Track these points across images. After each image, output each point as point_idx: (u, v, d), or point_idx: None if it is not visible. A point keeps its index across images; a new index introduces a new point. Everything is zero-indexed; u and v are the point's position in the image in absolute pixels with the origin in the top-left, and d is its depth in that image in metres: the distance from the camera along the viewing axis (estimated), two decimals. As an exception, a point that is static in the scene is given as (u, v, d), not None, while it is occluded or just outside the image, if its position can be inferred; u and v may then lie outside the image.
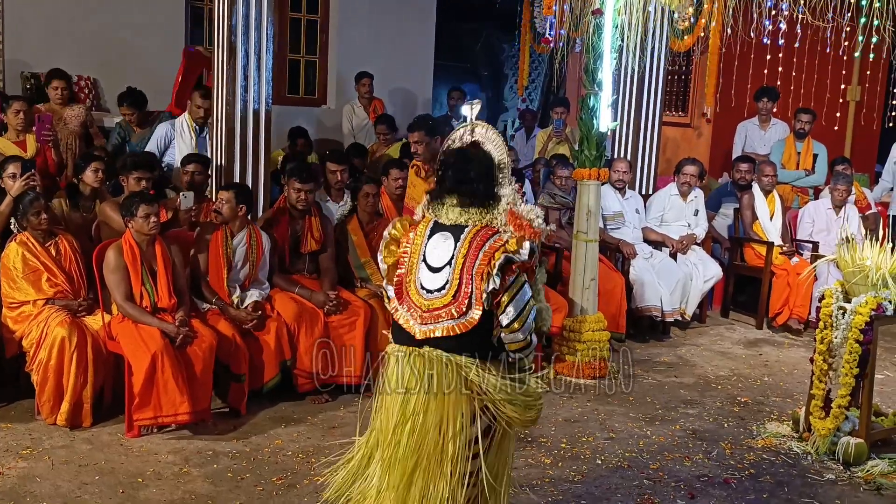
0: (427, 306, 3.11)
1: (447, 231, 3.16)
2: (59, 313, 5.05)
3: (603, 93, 6.27)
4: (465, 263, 3.06)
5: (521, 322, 3.03)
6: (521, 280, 3.05)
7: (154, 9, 9.04)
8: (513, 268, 3.02)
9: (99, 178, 5.78)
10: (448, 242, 3.13)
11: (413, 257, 3.19)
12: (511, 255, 3.02)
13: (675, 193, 7.87)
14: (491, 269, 3.01)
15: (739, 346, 7.33)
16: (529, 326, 3.06)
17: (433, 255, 3.14)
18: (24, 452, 4.60)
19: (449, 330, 3.08)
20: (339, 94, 10.11)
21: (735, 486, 4.61)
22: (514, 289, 3.03)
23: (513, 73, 14.74)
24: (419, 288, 3.15)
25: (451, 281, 3.08)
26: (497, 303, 3.04)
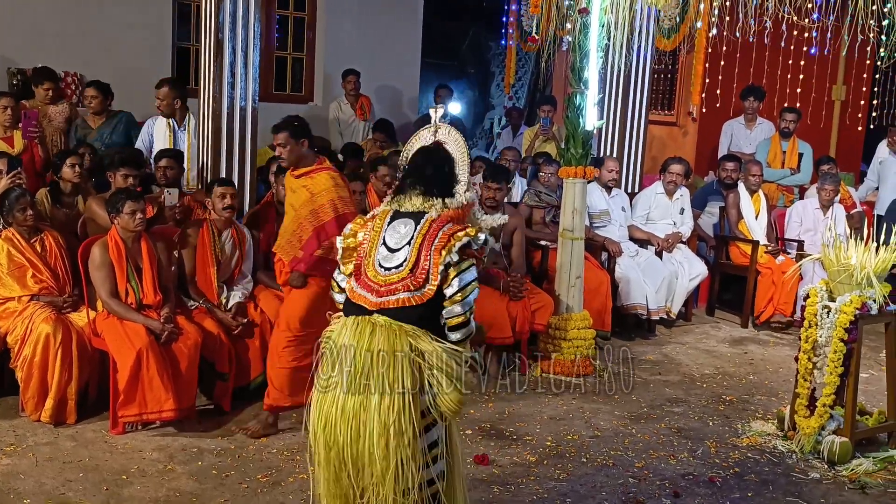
0: (383, 281, 3.27)
1: (408, 217, 3.35)
2: (44, 310, 5.04)
3: (589, 91, 6.28)
4: (424, 242, 3.24)
5: (462, 295, 3.18)
6: (470, 261, 3.24)
7: (141, 5, 9.01)
8: (467, 252, 3.23)
9: (77, 174, 5.75)
10: (408, 227, 3.32)
11: (372, 242, 3.36)
12: (466, 240, 3.22)
13: (660, 192, 7.90)
14: (452, 246, 3.20)
15: (725, 345, 7.36)
16: (470, 304, 3.21)
17: (392, 238, 3.32)
18: (8, 449, 4.58)
19: (404, 301, 3.22)
20: (326, 91, 10.10)
21: (720, 484, 4.63)
22: (463, 266, 3.21)
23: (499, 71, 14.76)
24: (377, 266, 3.30)
25: (409, 258, 3.25)
26: (445, 276, 3.20)
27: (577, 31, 6.25)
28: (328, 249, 4.69)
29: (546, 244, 7.00)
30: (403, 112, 10.71)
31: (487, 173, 6.57)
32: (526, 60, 14.01)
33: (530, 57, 13.62)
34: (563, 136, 7.29)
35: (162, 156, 6.06)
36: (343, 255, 3.45)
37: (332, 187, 4.80)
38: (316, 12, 10.16)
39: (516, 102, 13.83)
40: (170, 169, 6.03)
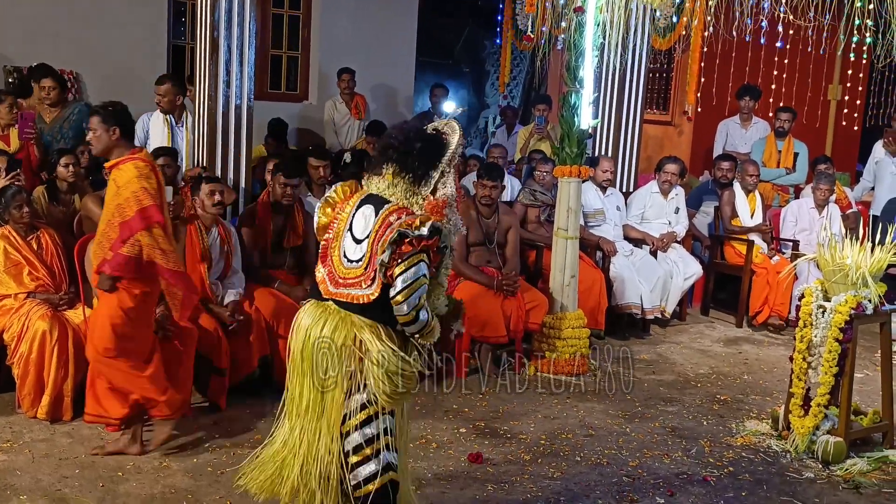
0: (344, 273, 3.28)
1: (372, 204, 3.29)
2: (41, 307, 5.03)
3: (584, 90, 6.29)
4: (376, 239, 3.20)
5: (405, 296, 3.13)
6: (416, 258, 3.14)
7: (137, 3, 9.01)
8: (404, 243, 3.12)
9: (72, 172, 5.76)
10: (370, 216, 3.27)
11: (341, 224, 3.35)
12: (404, 231, 3.12)
13: (655, 191, 7.91)
14: (384, 243, 3.14)
15: (719, 344, 7.38)
16: (415, 303, 3.15)
17: (358, 227, 3.29)
18: (5, 446, 4.58)
19: (353, 297, 3.23)
20: (321, 90, 10.11)
21: (714, 483, 4.65)
22: (407, 265, 3.13)
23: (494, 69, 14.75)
24: (342, 255, 3.31)
25: (366, 254, 3.23)
26: (389, 275, 3.15)
27: (573, 30, 6.26)
28: (135, 248, 4.26)
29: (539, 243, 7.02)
30: (399, 111, 10.71)
31: (482, 171, 6.58)
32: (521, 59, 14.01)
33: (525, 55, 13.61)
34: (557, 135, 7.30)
35: (159, 154, 6.05)
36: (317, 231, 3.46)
37: (135, 178, 4.31)
38: (311, 10, 10.16)
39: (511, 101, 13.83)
40: (167, 167, 6.02)
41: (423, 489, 4.33)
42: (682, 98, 10.83)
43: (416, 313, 3.18)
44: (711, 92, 9.51)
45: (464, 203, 6.63)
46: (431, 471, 4.56)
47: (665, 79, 11.37)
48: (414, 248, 3.13)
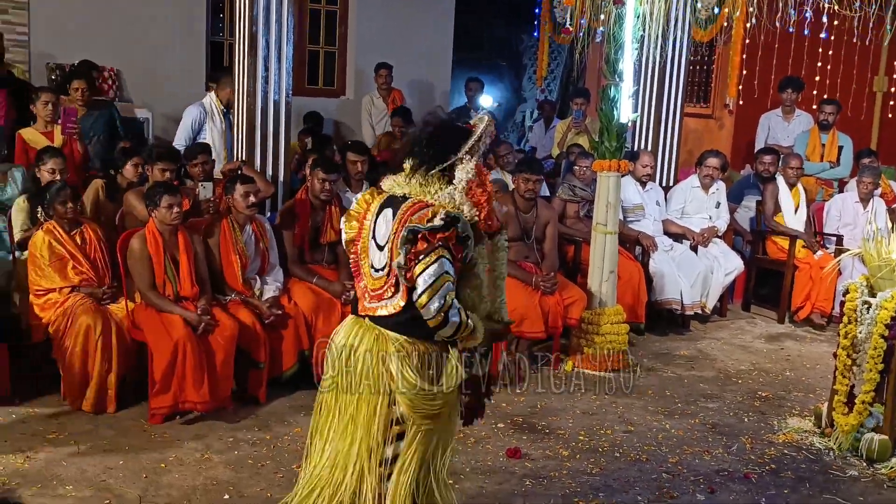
0: (374, 286, 3.12)
1: (391, 206, 3.09)
2: (85, 301, 5.11)
3: (624, 83, 6.24)
4: (394, 241, 3.01)
5: (428, 296, 2.91)
6: (434, 254, 2.91)
7: (176, 1, 9.08)
8: (418, 240, 2.92)
9: (138, 174, 5.88)
10: (390, 219, 3.07)
11: (365, 234, 3.17)
12: (414, 227, 2.92)
13: (696, 185, 7.83)
14: (398, 244, 2.96)
15: (761, 341, 7.29)
16: (440, 303, 2.92)
17: (380, 233, 3.11)
18: (51, 437, 4.65)
19: (384, 309, 3.07)
20: (358, 85, 10.13)
21: (755, 481, 4.60)
22: (426, 263, 2.91)
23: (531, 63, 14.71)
24: (370, 267, 3.15)
25: (388, 260, 3.05)
26: (409, 277, 2.95)
27: (612, 23, 6.20)
28: None
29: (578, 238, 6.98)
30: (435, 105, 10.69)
31: (522, 165, 6.54)
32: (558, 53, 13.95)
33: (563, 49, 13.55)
34: (595, 129, 7.25)
35: (198, 152, 6.10)
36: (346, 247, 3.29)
37: None
38: (348, 6, 10.18)
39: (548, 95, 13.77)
40: (206, 164, 6.08)
41: (460, 483, 4.34)
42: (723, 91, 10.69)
43: (444, 315, 2.94)
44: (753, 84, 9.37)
45: (501, 197, 6.62)
46: (469, 465, 4.56)
47: (706, 71, 11.24)
48: (430, 243, 2.91)
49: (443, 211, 2.93)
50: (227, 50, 9.62)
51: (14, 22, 8.48)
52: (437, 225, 2.90)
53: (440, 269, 2.92)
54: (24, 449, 4.48)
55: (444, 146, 3.05)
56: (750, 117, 9.93)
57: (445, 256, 2.93)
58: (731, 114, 10.66)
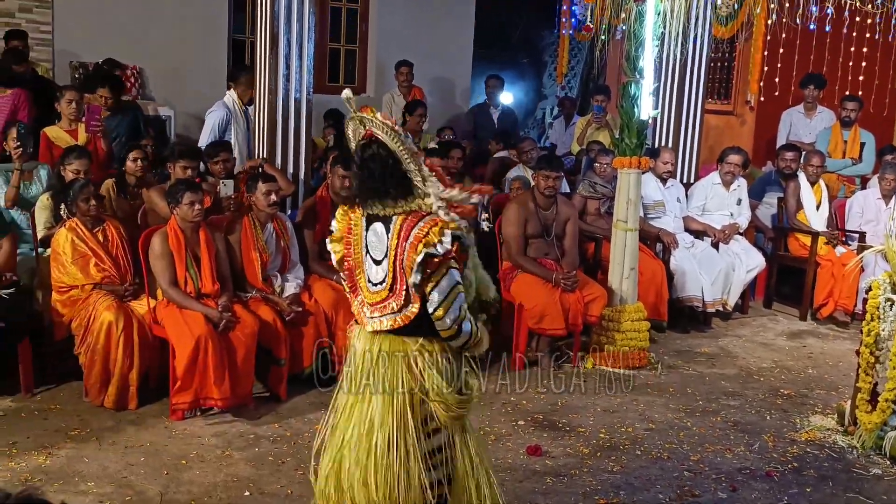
0: (373, 299, 3.13)
1: (380, 221, 3.10)
2: (107, 298, 5.14)
3: (644, 80, 6.21)
4: (396, 257, 3.04)
5: (445, 308, 3.00)
6: (445, 266, 3.00)
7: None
8: (434, 261, 2.97)
9: (138, 167, 5.88)
10: (382, 234, 3.09)
11: (357, 248, 3.17)
12: (431, 251, 2.95)
13: (717, 182, 7.79)
14: (409, 267, 2.98)
15: (783, 338, 7.24)
16: (456, 314, 3.01)
17: (374, 248, 3.12)
18: (73, 433, 4.69)
19: (393, 322, 3.09)
20: (379, 83, 10.15)
21: (778, 479, 4.57)
22: (438, 276, 2.99)
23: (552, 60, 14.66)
24: (367, 281, 3.15)
25: (388, 274, 3.08)
26: (423, 292, 3.02)
27: (632, 20, 6.18)
28: None
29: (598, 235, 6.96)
30: (456, 103, 10.72)
31: (543, 162, 6.53)
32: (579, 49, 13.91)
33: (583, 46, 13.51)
34: (616, 125, 7.23)
35: (220, 150, 6.13)
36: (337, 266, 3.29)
37: None
38: (369, 4, 10.21)
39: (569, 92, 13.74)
40: (227, 161, 6.11)
41: (481, 481, 4.34)
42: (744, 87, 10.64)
43: (458, 326, 3.04)
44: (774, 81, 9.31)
45: (522, 195, 6.62)
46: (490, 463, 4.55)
47: (727, 68, 11.19)
48: (442, 259, 2.98)
49: (448, 233, 2.96)
50: (249, 48, 9.67)
51: (38, 21, 8.57)
52: (447, 247, 2.97)
53: (451, 280, 3.01)
54: (47, 445, 4.52)
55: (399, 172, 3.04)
56: (771, 114, 9.87)
57: (454, 267, 3.03)
58: (752, 110, 10.60)
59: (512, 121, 10.16)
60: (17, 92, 6.75)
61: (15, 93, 6.74)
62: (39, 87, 7.32)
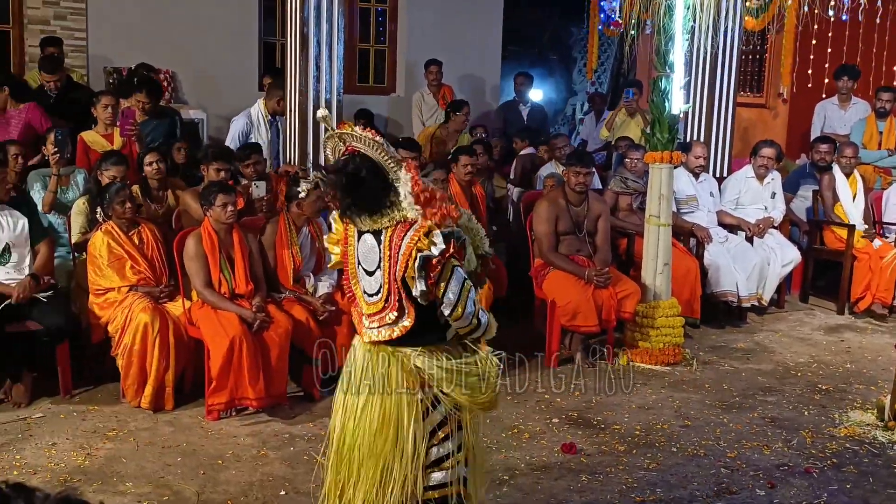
0: (369, 311, 3.10)
1: (370, 233, 3.06)
2: (143, 300, 5.19)
3: (675, 74, 6.17)
4: (389, 268, 2.99)
5: (462, 306, 2.97)
6: (449, 266, 2.95)
7: (228, 2, 9.22)
8: (433, 262, 2.92)
9: (155, 170, 5.91)
10: (374, 246, 3.05)
11: (352, 260, 3.15)
12: (426, 254, 2.91)
13: (751, 176, 7.71)
14: (413, 273, 2.92)
15: (820, 333, 7.15)
16: (472, 309, 3.00)
17: (366, 259, 3.08)
18: (111, 434, 4.75)
19: (390, 333, 3.05)
20: (409, 82, 10.16)
21: (817, 475, 4.51)
22: (445, 278, 2.94)
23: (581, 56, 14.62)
24: (363, 292, 3.12)
25: (382, 285, 3.04)
26: (435, 295, 2.96)
27: (662, 14, 6.14)
28: None
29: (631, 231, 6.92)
30: (485, 101, 10.70)
31: (573, 158, 6.50)
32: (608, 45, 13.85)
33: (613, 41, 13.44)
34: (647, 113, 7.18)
35: (251, 152, 6.18)
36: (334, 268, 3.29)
37: None
38: (397, 4, 10.22)
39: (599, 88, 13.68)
40: (258, 164, 6.16)
41: (515, 479, 4.33)
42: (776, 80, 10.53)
43: (477, 320, 3.04)
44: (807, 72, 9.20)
45: (553, 191, 6.60)
46: (524, 461, 4.55)
47: (759, 60, 11.07)
48: (441, 260, 2.93)
49: (439, 235, 2.91)
50: (280, 50, 9.72)
51: (73, 27, 8.68)
52: (442, 249, 2.91)
53: (459, 278, 2.98)
54: (85, 446, 4.58)
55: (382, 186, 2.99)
56: (804, 106, 9.76)
57: (457, 265, 3.00)
58: (785, 103, 10.48)
59: (541, 117, 10.14)
60: (29, 106, 6.76)
61: (27, 107, 6.75)
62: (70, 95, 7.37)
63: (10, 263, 5.10)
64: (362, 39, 10.28)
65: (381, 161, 2.99)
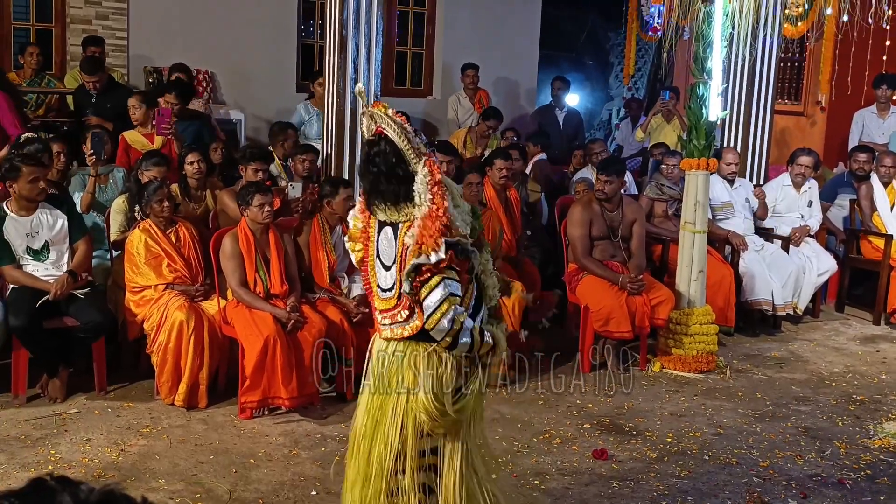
0: (383, 306, 3.09)
1: (389, 226, 3.05)
2: (178, 298, 5.25)
3: (713, 81, 6.14)
4: (401, 263, 2.98)
5: (434, 321, 2.89)
6: (438, 276, 2.89)
7: (267, 4, 9.30)
8: (423, 270, 2.89)
9: (196, 169, 5.97)
10: (392, 239, 3.03)
11: (371, 252, 3.12)
12: (418, 262, 2.88)
13: (787, 184, 7.65)
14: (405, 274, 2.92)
15: (855, 343, 7.07)
16: (447, 327, 2.90)
17: (385, 253, 3.06)
18: (145, 431, 4.80)
19: (402, 331, 3.04)
20: (445, 85, 10.19)
21: (850, 487, 4.46)
22: (430, 286, 2.89)
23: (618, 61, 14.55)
24: (378, 288, 3.11)
25: (396, 282, 3.01)
26: (418, 300, 2.93)
27: (701, 20, 6.11)
28: None
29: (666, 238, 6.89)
30: (521, 104, 10.71)
31: (599, 165, 6.49)
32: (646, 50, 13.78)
33: (650, 47, 13.39)
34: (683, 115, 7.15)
35: (307, 149, 6.28)
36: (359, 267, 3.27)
37: None
38: (435, 7, 10.25)
39: (635, 93, 13.62)
40: (312, 162, 6.25)
41: (546, 484, 4.33)
42: (814, 88, 10.42)
43: (452, 339, 2.93)
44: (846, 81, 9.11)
45: (586, 196, 6.58)
46: (555, 466, 4.54)
47: (797, 68, 10.97)
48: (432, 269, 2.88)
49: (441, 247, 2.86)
50: (318, 52, 9.79)
51: (114, 27, 8.80)
52: (441, 257, 2.86)
53: (445, 291, 2.89)
54: (119, 442, 4.63)
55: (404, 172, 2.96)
56: (843, 114, 9.65)
57: (449, 277, 2.91)
58: (823, 111, 10.37)
59: (577, 123, 10.12)
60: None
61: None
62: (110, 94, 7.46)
63: (48, 260, 5.18)
64: (400, 42, 10.32)
65: (403, 148, 2.95)
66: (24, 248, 5.12)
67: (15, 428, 4.74)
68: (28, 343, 5.00)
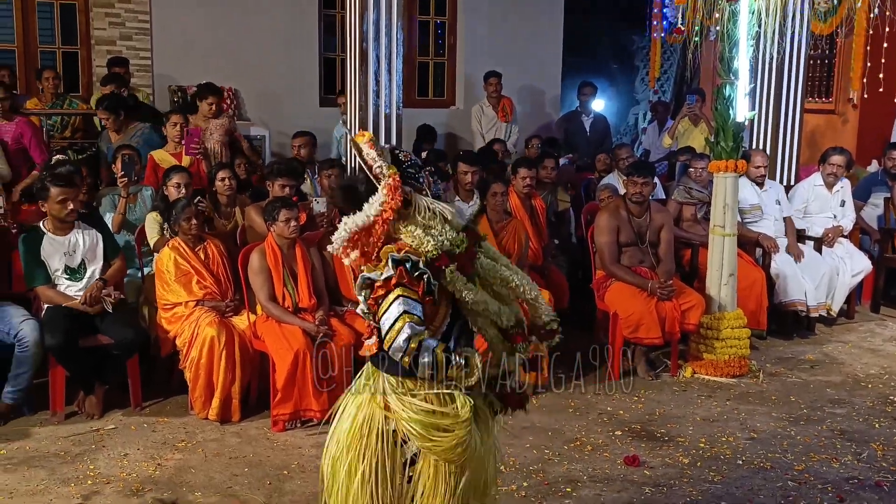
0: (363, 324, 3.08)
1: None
2: (209, 314, 5.30)
3: (740, 81, 6.09)
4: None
5: (389, 341, 2.76)
6: (392, 295, 2.78)
7: (289, 19, 9.38)
8: (376, 286, 2.82)
9: (227, 185, 6.02)
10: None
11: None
12: (367, 276, 2.84)
13: (819, 184, 7.56)
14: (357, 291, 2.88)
15: (891, 343, 6.96)
16: (403, 346, 2.73)
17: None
18: (180, 445, 4.85)
19: (369, 349, 2.96)
20: (468, 95, 10.20)
21: (888, 489, 4.40)
22: (385, 305, 2.79)
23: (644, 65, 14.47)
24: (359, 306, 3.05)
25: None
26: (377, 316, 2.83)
27: (726, 20, 6.06)
28: None
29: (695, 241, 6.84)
30: (546, 111, 10.69)
31: (632, 168, 6.46)
32: (671, 53, 13.70)
33: (675, 49, 13.30)
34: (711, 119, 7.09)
35: (332, 165, 6.33)
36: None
37: None
38: (456, 16, 10.27)
39: (661, 96, 13.54)
40: (336, 176, 6.28)
41: (578, 491, 4.31)
42: (845, 85, 10.31)
43: (410, 359, 2.74)
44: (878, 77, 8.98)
45: (613, 202, 6.55)
46: (587, 473, 4.52)
47: (827, 65, 10.85)
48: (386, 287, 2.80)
49: (390, 256, 2.82)
50: (340, 65, 9.85)
51: (138, 47, 8.93)
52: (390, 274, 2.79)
53: (399, 309, 2.77)
54: (155, 457, 4.69)
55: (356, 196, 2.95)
56: (875, 111, 9.54)
57: (404, 295, 2.79)
58: (854, 108, 10.25)
59: (604, 128, 10.08)
60: (20, 121, 6.95)
61: (18, 122, 6.94)
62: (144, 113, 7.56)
63: (84, 279, 5.25)
64: (421, 52, 10.35)
65: (369, 175, 2.91)
66: (63, 268, 5.20)
67: (54, 444, 4.81)
68: (64, 361, 5.08)
